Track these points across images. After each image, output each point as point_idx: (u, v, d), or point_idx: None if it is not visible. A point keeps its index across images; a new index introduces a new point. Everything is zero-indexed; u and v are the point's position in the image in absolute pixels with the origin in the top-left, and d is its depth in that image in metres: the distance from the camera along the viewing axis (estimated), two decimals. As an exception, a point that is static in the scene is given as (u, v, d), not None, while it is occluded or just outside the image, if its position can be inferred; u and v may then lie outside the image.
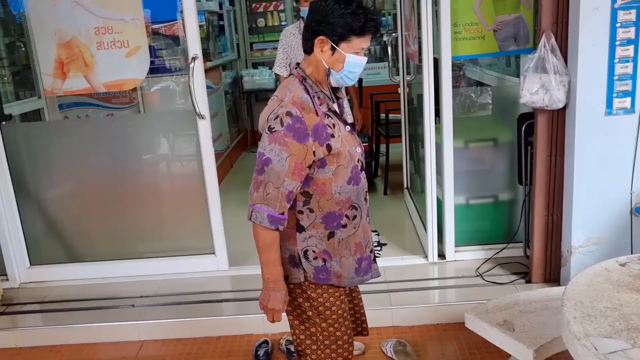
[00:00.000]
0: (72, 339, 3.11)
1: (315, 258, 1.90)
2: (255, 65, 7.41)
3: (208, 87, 5.34)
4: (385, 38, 6.52)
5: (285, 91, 1.81)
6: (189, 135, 3.56)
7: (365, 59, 1.82)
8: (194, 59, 3.22)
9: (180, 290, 3.39)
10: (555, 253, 3.08)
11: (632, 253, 2.67)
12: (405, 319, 3.03)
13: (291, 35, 3.88)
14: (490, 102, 3.69)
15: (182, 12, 3.22)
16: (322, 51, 1.78)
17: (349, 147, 1.85)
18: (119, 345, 3.06)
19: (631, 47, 2.63)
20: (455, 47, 3.16)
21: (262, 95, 7.05)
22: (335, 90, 1.93)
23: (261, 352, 2.84)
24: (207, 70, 5.32)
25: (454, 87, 3.48)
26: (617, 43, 2.63)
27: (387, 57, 4.34)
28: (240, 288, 3.39)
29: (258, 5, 7.39)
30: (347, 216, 1.89)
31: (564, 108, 2.82)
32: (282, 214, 1.77)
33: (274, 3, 7.34)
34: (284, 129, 1.72)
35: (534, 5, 3.07)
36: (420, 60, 3.36)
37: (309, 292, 1.93)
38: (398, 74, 4.46)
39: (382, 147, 5.03)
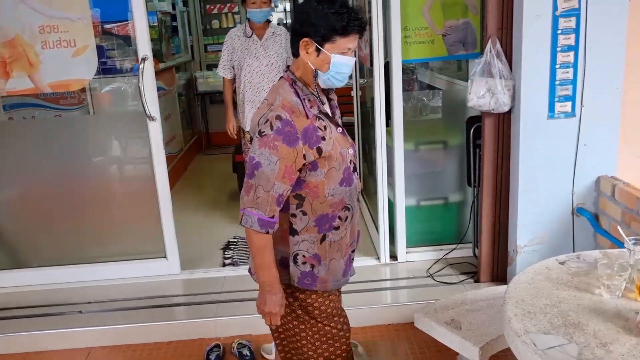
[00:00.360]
0: (16, 348, 3.00)
1: (304, 263, 1.89)
2: (209, 67, 7.35)
3: (160, 88, 5.27)
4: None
5: (275, 95, 1.81)
6: (140, 138, 3.50)
7: (353, 58, 1.79)
8: (143, 59, 3.19)
9: (130, 295, 3.32)
10: (502, 253, 3.16)
11: (573, 251, 2.77)
12: (358, 319, 3.04)
13: (236, 38, 3.86)
14: (441, 105, 3.76)
15: (131, 11, 3.18)
16: (307, 53, 1.76)
17: (341, 148, 1.84)
18: (65, 353, 2.98)
19: (571, 54, 2.72)
20: (406, 51, 3.21)
21: (216, 97, 7.00)
22: (327, 91, 1.91)
23: (212, 357, 2.81)
24: (159, 72, 5.26)
25: (406, 90, 3.54)
26: (559, 49, 2.72)
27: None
28: (192, 292, 3.35)
29: (212, 7, 7.34)
30: (339, 217, 1.89)
31: (510, 111, 2.91)
32: (272, 217, 1.77)
33: (228, 5, 7.30)
34: (273, 133, 1.72)
35: (481, 11, 3.15)
36: (371, 63, 3.40)
37: (297, 293, 1.95)
38: (351, 77, 4.50)
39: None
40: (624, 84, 2.77)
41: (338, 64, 1.76)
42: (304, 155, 1.75)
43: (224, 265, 3.66)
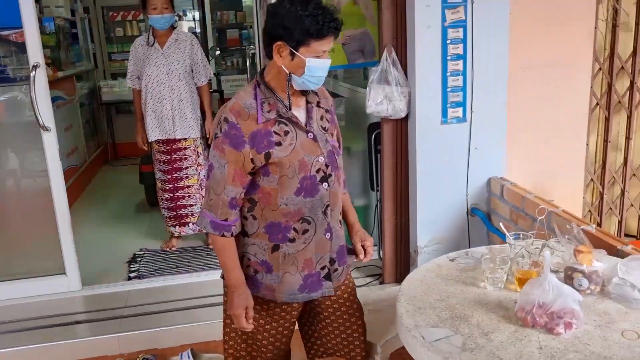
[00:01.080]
0: None
1: (248, 266, 1.86)
2: (114, 76, 7.12)
3: (59, 98, 5.06)
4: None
5: (234, 97, 1.80)
6: (36, 149, 3.34)
7: (329, 61, 1.75)
8: (35, 67, 3.06)
9: (27, 315, 3.15)
10: (405, 254, 3.27)
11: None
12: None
13: (139, 47, 3.78)
14: (344, 112, 3.85)
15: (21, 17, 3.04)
16: (280, 57, 1.72)
17: (305, 155, 1.77)
18: (-48, 381, 2.79)
19: (460, 62, 2.88)
20: (308, 60, 3.26)
21: (122, 107, 6.80)
22: (305, 92, 1.85)
23: (115, 374, 2.73)
24: (58, 80, 5.04)
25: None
26: (449, 58, 2.87)
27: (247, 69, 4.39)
28: (94, 308, 3.23)
29: (116, 14, 7.12)
30: (295, 229, 1.82)
31: (407, 117, 3.03)
32: (226, 220, 1.76)
33: (132, 12, 7.11)
34: (222, 135, 1.73)
35: (378, 21, 3.27)
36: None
37: None
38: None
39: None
40: (508, 91, 2.96)
41: (313, 67, 1.72)
42: (252, 160, 1.73)
43: (129, 278, 3.55)
